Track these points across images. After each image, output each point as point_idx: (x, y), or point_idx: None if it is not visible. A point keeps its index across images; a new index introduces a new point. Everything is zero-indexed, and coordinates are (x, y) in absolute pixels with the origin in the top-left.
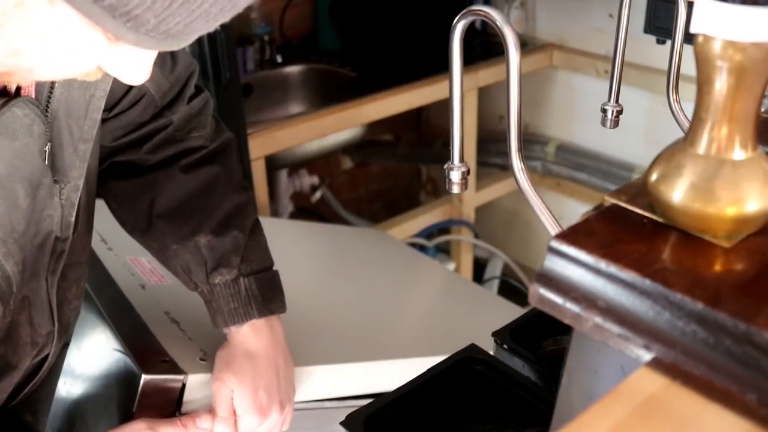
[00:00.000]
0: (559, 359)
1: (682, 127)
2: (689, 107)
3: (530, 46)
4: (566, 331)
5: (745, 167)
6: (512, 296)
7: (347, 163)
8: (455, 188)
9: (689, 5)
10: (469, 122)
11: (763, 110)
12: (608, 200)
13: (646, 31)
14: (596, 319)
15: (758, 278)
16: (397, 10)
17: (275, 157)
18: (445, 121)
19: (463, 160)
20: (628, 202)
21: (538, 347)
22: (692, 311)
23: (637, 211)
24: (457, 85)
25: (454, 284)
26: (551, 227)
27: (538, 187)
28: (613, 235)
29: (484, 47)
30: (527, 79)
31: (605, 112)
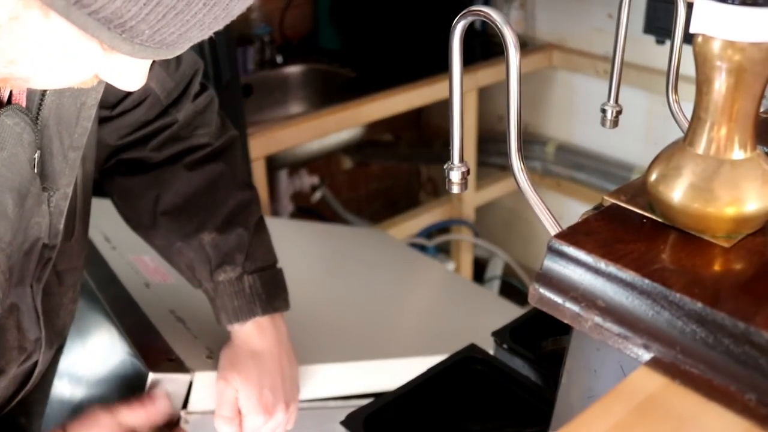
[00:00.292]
0: (558, 359)
1: (681, 127)
2: (688, 107)
3: (530, 46)
4: (566, 330)
5: (744, 167)
6: (512, 296)
7: (347, 163)
8: (455, 188)
9: (689, 5)
10: (468, 122)
11: (762, 110)
12: (608, 200)
13: (645, 31)
14: (596, 318)
15: (757, 278)
16: (397, 10)
17: (275, 157)
18: (445, 121)
19: (462, 160)
20: (627, 202)
21: (537, 347)
22: (691, 311)
23: (636, 210)
24: (456, 85)
25: (454, 284)
26: (551, 227)
27: (537, 187)
28: (612, 234)
29: (483, 47)
30: (527, 79)
31: (605, 112)
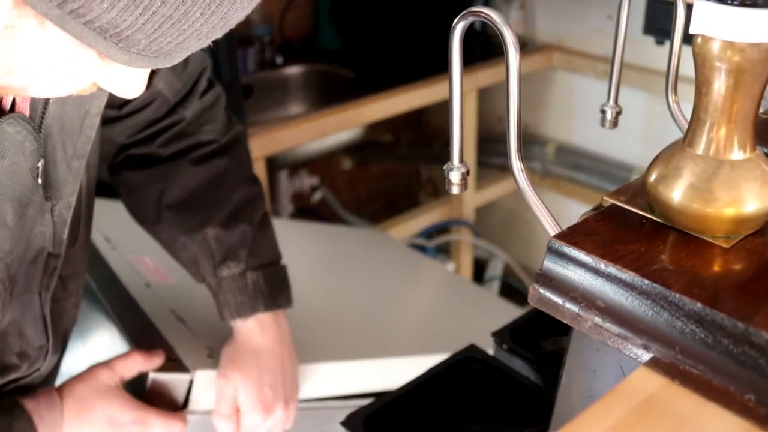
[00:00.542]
0: (558, 359)
1: (680, 127)
2: (688, 108)
3: (530, 46)
4: (566, 331)
5: (743, 168)
6: (512, 296)
7: (347, 163)
8: (455, 189)
9: (688, 6)
10: (468, 123)
11: (761, 111)
12: (607, 200)
13: (645, 32)
14: (595, 318)
15: (756, 278)
16: (397, 10)
17: (275, 157)
18: (445, 121)
19: (462, 160)
20: (627, 202)
21: (537, 347)
22: (691, 311)
23: (636, 211)
24: (456, 85)
25: (454, 284)
26: (551, 228)
27: (537, 187)
28: (612, 235)
29: (483, 48)
30: (527, 79)
31: (604, 112)
